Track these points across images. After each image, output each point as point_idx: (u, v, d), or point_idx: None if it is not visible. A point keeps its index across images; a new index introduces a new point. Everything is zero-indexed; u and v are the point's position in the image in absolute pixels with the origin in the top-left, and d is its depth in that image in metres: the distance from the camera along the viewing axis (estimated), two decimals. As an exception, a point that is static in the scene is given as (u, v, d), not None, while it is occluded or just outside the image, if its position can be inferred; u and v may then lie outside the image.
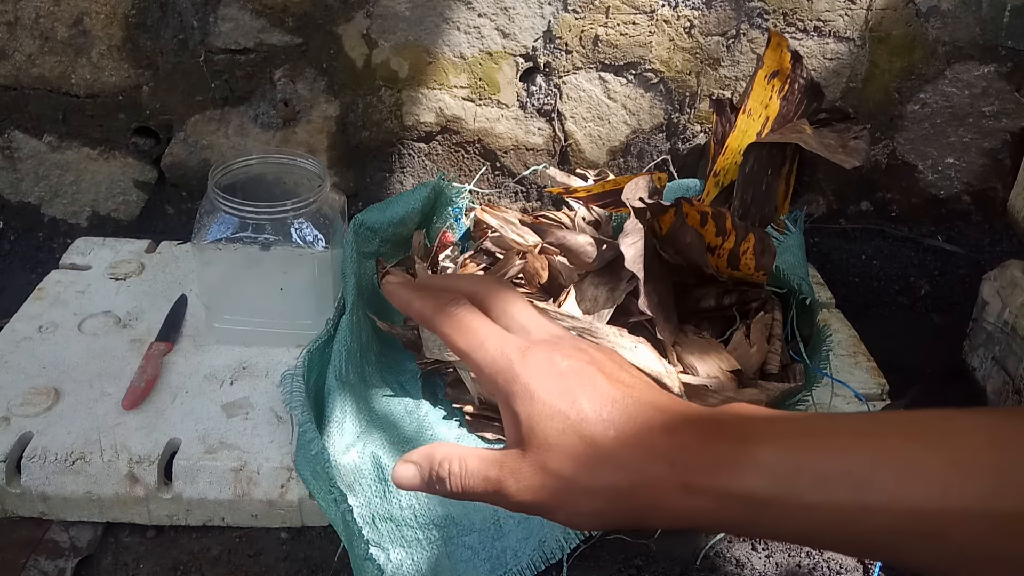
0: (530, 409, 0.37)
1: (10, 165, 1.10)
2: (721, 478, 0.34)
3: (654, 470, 0.35)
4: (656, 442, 0.35)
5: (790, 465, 0.34)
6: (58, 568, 0.72)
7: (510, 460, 0.37)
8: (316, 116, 1.08)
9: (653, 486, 0.35)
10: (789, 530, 0.35)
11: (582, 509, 0.36)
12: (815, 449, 0.34)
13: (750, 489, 0.34)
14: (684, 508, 0.35)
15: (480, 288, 0.43)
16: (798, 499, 0.33)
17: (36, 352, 0.87)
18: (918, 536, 0.33)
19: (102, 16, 1.01)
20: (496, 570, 0.71)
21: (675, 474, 0.35)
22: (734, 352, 0.82)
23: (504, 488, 0.37)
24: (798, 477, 0.33)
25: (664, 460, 0.35)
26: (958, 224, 1.17)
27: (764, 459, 0.34)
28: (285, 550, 0.75)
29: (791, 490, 0.33)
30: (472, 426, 0.80)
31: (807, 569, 0.76)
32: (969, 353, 1.00)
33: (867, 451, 0.33)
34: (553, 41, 1.04)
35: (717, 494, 0.34)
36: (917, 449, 0.33)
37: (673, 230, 0.83)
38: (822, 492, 0.33)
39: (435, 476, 0.39)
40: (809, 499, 0.33)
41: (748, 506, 0.34)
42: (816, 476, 0.33)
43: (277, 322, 0.89)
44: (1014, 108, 1.10)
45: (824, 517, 0.33)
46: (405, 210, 0.98)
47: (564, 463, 0.36)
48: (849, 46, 1.06)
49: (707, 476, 0.34)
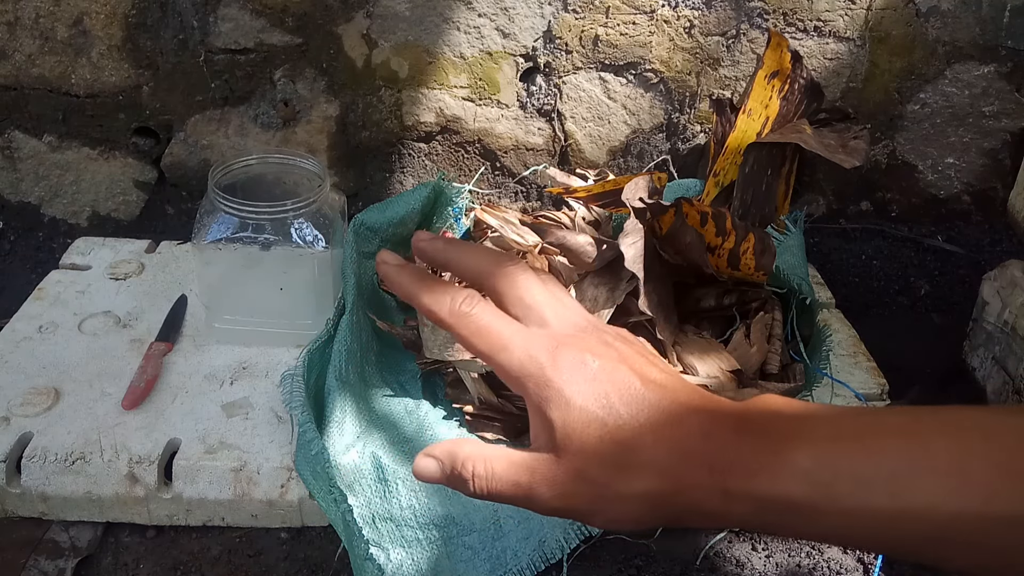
0: (566, 416, 0.36)
1: (10, 165, 1.10)
2: (759, 483, 0.34)
3: (693, 475, 0.35)
4: (694, 446, 0.35)
5: (827, 470, 0.33)
6: (58, 568, 0.72)
7: (543, 466, 0.36)
8: (316, 116, 1.08)
9: (692, 491, 0.35)
10: (825, 532, 0.34)
11: (621, 515, 0.36)
12: (851, 452, 0.34)
13: (787, 494, 0.33)
14: (723, 511, 0.35)
15: (486, 268, 0.41)
16: (834, 504, 0.33)
17: (36, 352, 0.87)
18: (959, 542, 0.32)
19: (102, 16, 1.01)
20: (496, 570, 0.71)
21: (713, 479, 0.35)
22: (734, 352, 0.82)
23: (536, 494, 0.36)
24: (835, 482, 0.33)
25: (702, 465, 0.35)
26: (958, 224, 1.17)
27: (801, 463, 0.34)
28: (285, 550, 0.75)
29: (827, 495, 0.33)
30: (472, 426, 0.80)
31: (807, 569, 0.76)
32: (969, 353, 1.00)
33: (905, 453, 0.33)
34: (553, 41, 1.04)
35: (755, 498, 0.34)
36: (957, 451, 0.33)
37: (673, 230, 0.83)
38: (859, 497, 0.33)
39: (457, 475, 0.38)
40: (846, 504, 0.33)
41: (785, 510, 0.34)
42: (853, 481, 0.33)
43: (277, 322, 0.89)
44: (1014, 108, 1.10)
45: (861, 522, 0.33)
46: (405, 210, 0.98)
47: (602, 470, 0.35)
48: (849, 46, 1.06)
49: (745, 481, 0.34)
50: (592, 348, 0.37)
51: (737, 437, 0.35)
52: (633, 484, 0.35)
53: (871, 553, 0.75)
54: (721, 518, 0.35)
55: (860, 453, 0.34)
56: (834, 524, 0.34)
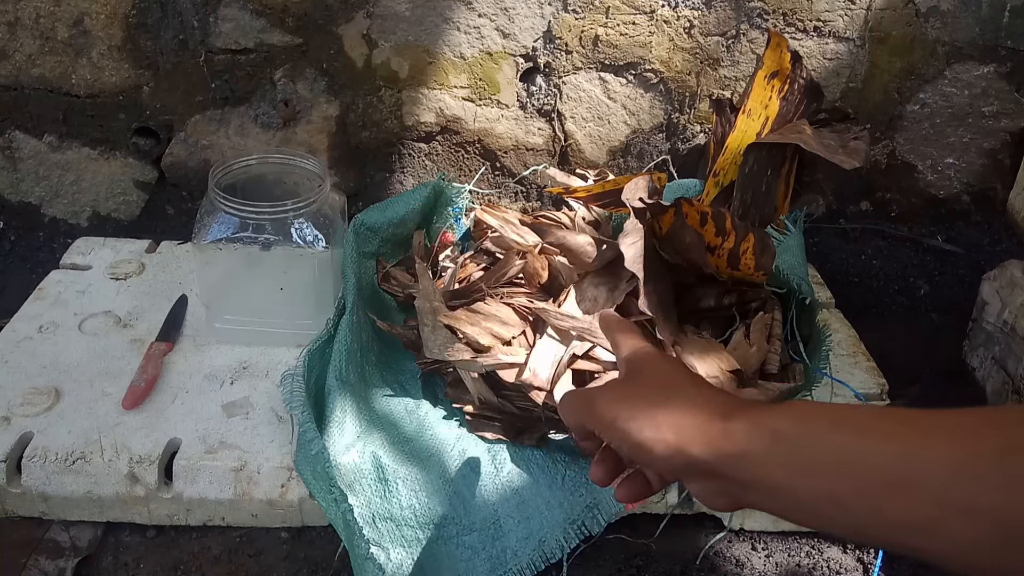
0: (630, 356, 0.52)
1: (10, 165, 1.10)
2: (755, 412, 0.42)
3: (710, 404, 0.44)
4: (712, 393, 0.46)
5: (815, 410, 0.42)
6: (58, 568, 0.72)
7: (607, 381, 0.53)
8: (316, 116, 1.08)
9: (702, 408, 0.44)
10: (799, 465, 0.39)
11: (647, 421, 0.45)
12: (827, 408, 0.43)
13: (775, 423, 0.41)
14: (720, 430, 0.42)
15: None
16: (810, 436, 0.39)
17: (36, 352, 0.87)
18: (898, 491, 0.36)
19: (102, 16, 1.01)
20: (496, 570, 0.71)
21: (721, 404, 0.44)
22: (734, 352, 0.82)
23: (593, 398, 0.49)
24: (817, 417, 0.40)
25: (715, 397, 0.45)
26: (958, 224, 1.17)
27: (796, 407, 0.42)
28: (285, 550, 0.75)
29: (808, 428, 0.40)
30: (472, 426, 0.80)
31: (807, 568, 0.76)
32: (969, 353, 1.00)
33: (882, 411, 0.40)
34: (553, 41, 1.04)
35: (748, 421, 0.42)
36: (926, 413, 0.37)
37: (673, 230, 0.83)
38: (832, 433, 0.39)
39: None
40: (822, 440, 0.39)
41: (769, 436, 0.40)
42: (830, 419, 0.40)
43: (277, 322, 0.89)
44: (1014, 108, 1.10)
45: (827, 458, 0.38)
46: (405, 210, 0.98)
47: (644, 381, 0.49)
48: (849, 46, 1.06)
49: (744, 410, 0.43)
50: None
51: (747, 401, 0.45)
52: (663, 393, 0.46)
53: (836, 554, 0.75)
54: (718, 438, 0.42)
55: (832, 410, 0.42)
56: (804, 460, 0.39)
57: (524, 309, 0.85)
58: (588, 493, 0.73)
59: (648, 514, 0.77)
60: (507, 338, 0.82)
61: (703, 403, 0.45)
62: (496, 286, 0.88)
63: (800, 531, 0.79)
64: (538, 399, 0.77)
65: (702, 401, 0.45)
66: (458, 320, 0.82)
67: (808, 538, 0.79)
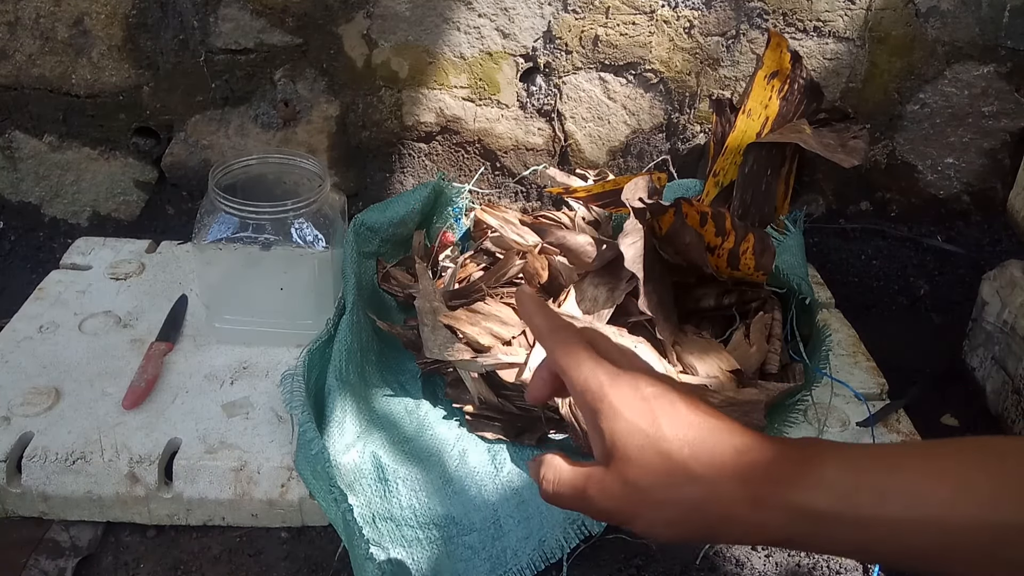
0: (614, 426, 0.40)
1: (11, 165, 1.10)
2: (787, 493, 0.37)
3: (725, 485, 0.38)
4: (728, 460, 0.38)
5: (849, 482, 0.37)
6: (59, 568, 0.72)
7: (595, 472, 0.41)
8: (316, 116, 1.08)
9: (724, 499, 0.38)
10: (848, 544, 0.37)
11: (657, 519, 0.39)
12: (872, 466, 0.37)
13: (813, 503, 0.37)
14: (752, 521, 0.38)
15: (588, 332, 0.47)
16: (856, 513, 0.36)
17: (36, 352, 0.87)
18: (970, 551, 0.35)
19: (102, 16, 1.01)
20: (496, 570, 0.71)
21: (745, 489, 0.38)
22: (734, 352, 0.82)
23: (588, 496, 0.41)
24: (856, 492, 0.36)
25: (734, 476, 0.38)
26: (958, 224, 1.17)
27: (826, 476, 0.37)
28: (285, 550, 0.75)
29: (849, 504, 0.36)
30: (472, 426, 0.80)
31: (807, 569, 0.76)
32: (968, 353, 1.00)
33: (920, 469, 0.36)
34: (553, 41, 1.04)
35: (783, 507, 0.37)
36: (966, 466, 0.36)
37: (673, 230, 0.83)
38: (878, 507, 0.36)
39: (538, 477, 0.43)
40: (866, 513, 0.36)
41: (811, 520, 0.37)
42: (872, 491, 0.36)
43: (277, 322, 0.89)
44: (1014, 108, 1.10)
45: (880, 532, 0.36)
46: (405, 210, 0.98)
47: (642, 476, 0.39)
48: (849, 46, 1.06)
49: (774, 491, 0.37)
50: (648, 379, 0.42)
51: (769, 455, 0.38)
52: (669, 491, 0.39)
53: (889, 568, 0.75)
54: (751, 529, 0.38)
55: (880, 467, 0.37)
56: (856, 535, 0.36)
57: (524, 309, 0.84)
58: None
59: (648, 514, 0.77)
60: (507, 338, 0.82)
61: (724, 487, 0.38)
62: (496, 286, 0.88)
63: (800, 531, 0.79)
64: (538, 399, 0.77)
65: (721, 484, 0.38)
66: (458, 320, 0.82)
67: (808, 538, 0.79)
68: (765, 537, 0.38)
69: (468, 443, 0.79)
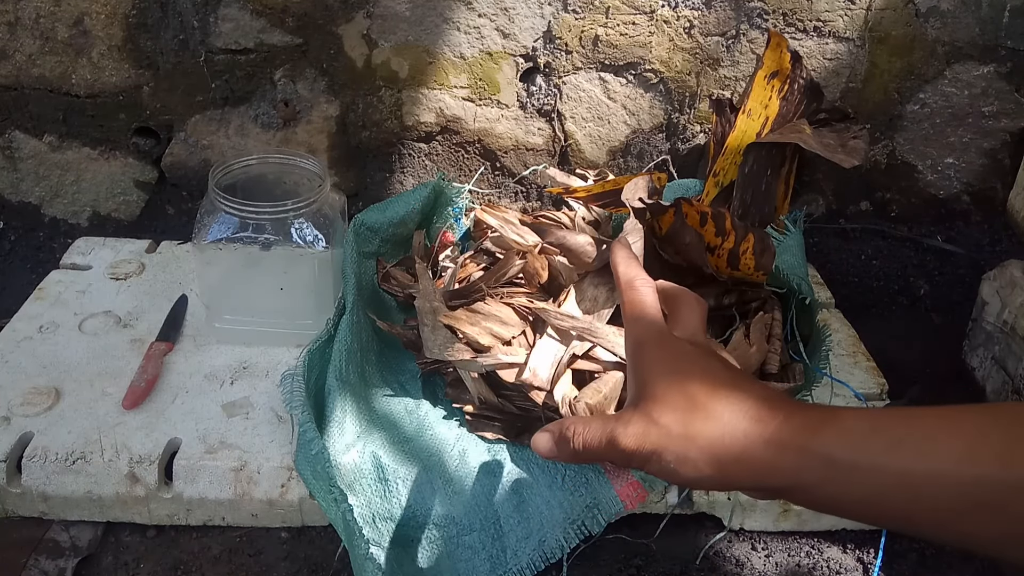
0: (646, 371, 0.44)
1: (10, 165, 1.10)
2: (803, 436, 0.38)
3: (743, 424, 0.40)
4: (749, 403, 0.41)
5: (865, 429, 0.37)
6: (59, 568, 0.72)
7: (624, 413, 0.44)
8: (316, 116, 1.08)
9: (741, 438, 0.40)
10: (856, 496, 0.37)
11: (676, 455, 0.41)
12: (888, 419, 0.38)
13: (827, 448, 0.37)
14: (766, 463, 0.39)
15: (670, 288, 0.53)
16: (869, 461, 0.36)
17: (36, 352, 0.87)
18: (982, 507, 0.35)
19: (102, 16, 1.01)
20: (496, 570, 0.71)
21: (762, 429, 0.39)
22: (734, 352, 0.82)
23: (615, 436, 0.43)
24: (871, 440, 0.37)
25: (753, 418, 0.40)
26: (958, 224, 1.17)
27: (843, 425, 0.38)
28: (285, 550, 0.75)
29: (863, 452, 0.37)
30: (472, 426, 0.80)
31: (807, 568, 0.76)
32: (969, 353, 1.00)
33: (935, 423, 0.37)
34: (553, 41, 1.04)
35: (797, 449, 0.38)
36: (981, 422, 0.36)
37: (673, 230, 0.83)
38: (891, 455, 0.36)
39: (563, 437, 0.45)
40: (878, 461, 0.36)
41: (823, 464, 0.37)
42: (887, 440, 0.37)
43: (277, 322, 0.89)
44: (1014, 108, 1.10)
45: (890, 481, 0.36)
46: (405, 210, 0.98)
47: (666, 413, 0.42)
48: (849, 46, 1.06)
49: (790, 434, 0.39)
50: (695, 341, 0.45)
51: (789, 404, 0.40)
52: (689, 426, 0.41)
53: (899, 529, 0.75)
54: (764, 471, 0.39)
55: (897, 420, 0.38)
56: (869, 484, 0.36)
57: (524, 309, 0.85)
58: (588, 493, 0.73)
59: (648, 514, 0.77)
60: (507, 338, 0.82)
61: (740, 425, 0.40)
62: (496, 286, 0.88)
63: (800, 531, 0.79)
64: (538, 399, 0.77)
65: (738, 422, 0.40)
66: (458, 320, 0.82)
67: (808, 538, 0.79)
68: (776, 480, 0.39)
69: (468, 443, 0.79)
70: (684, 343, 0.46)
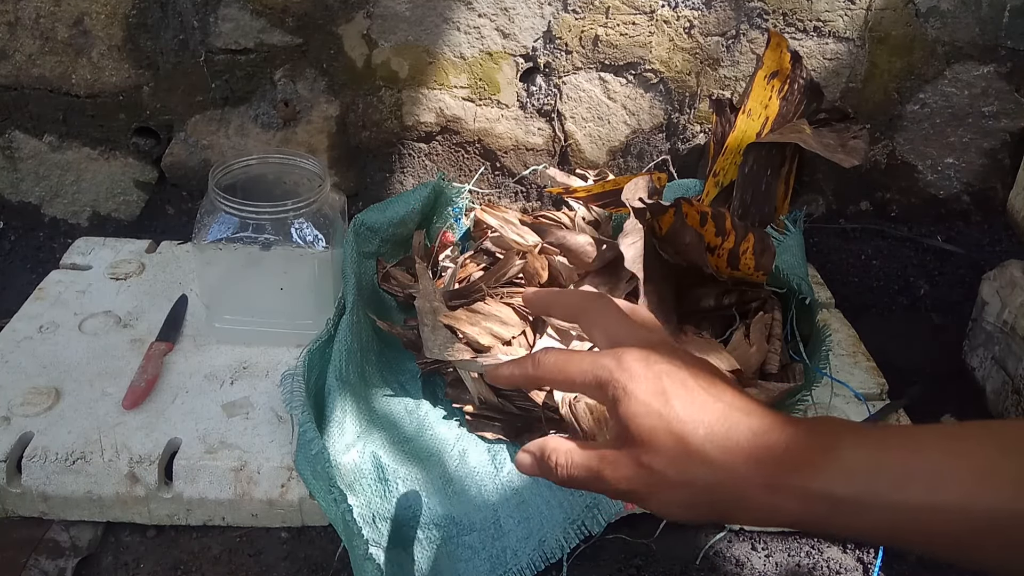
0: (627, 408, 0.40)
1: (10, 165, 1.10)
2: (803, 478, 0.36)
3: (739, 468, 0.37)
4: (743, 443, 0.38)
5: (870, 466, 0.36)
6: (59, 568, 0.72)
7: (609, 453, 0.41)
8: (316, 116, 1.08)
9: (738, 483, 0.38)
10: (866, 528, 0.36)
11: (671, 499, 0.40)
12: (893, 451, 0.36)
13: (830, 488, 0.36)
14: (766, 505, 0.37)
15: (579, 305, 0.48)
16: (875, 498, 0.35)
17: (36, 352, 0.87)
18: (993, 537, 0.34)
19: (102, 16, 1.01)
20: (496, 570, 0.71)
21: (759, 472, 0.37)
22: (734, 352, 0.82)
23: (603, 477, 0.41)
24: (877, 477, 0.35)
25: (749, 459, 0.37)
26: (958, 224, 1.17)
27: (844, 460, 0.36)
28: (285, 550, 0.75)
29: (870, 490, 0.35)
30: (472, 426, 0.80)
31: (807, 568, 0.76)
32: (968, 353, 1.00)
33: (943, 453, 0.35)
34: (553, 41, 1.04)
35: (798, 492, 0.36)
36: (991, 452, 0.35)
37: (673, 230, 0.83)
38: (899, 492, 0.35)
39: (545, 464, 0.43)
40: (886, 499, 0.35)
41: (828, 504, 0.36)
42: (894, 476, 0.35)
43: (277, 322, 0.89)
44: (1014, 108, 1.10)
45: (900, 517, 0.35)
46: (405, 210, 0.98)
47: (655, 458, 0.39)
48: (849, 46, 1.06)
49: (789, 475, 0.37)
50: (659, 351, 0.41)
51: (785, 438, 0.38)
52: (682, 473, 0.39)
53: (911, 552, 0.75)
54: (765, 513, 0.37)
55: (901, 452, 0.36)
56: (875, 520, 0.35)
57: (524, 309, 0.85)
58: (588, 493, 0.73)
59: (648, 514, 0.77)
60: (507, 338, 0.82)
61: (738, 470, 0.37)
62: (496, 286, 0.88)
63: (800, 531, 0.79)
64: (538, 399, 0.77)
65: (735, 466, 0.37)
66: (458, 320, 0.82)
67: (808, 538, 0.79)
68: (780, 520, 0.38)
69: (468, 443, 0.79)
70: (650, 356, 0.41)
